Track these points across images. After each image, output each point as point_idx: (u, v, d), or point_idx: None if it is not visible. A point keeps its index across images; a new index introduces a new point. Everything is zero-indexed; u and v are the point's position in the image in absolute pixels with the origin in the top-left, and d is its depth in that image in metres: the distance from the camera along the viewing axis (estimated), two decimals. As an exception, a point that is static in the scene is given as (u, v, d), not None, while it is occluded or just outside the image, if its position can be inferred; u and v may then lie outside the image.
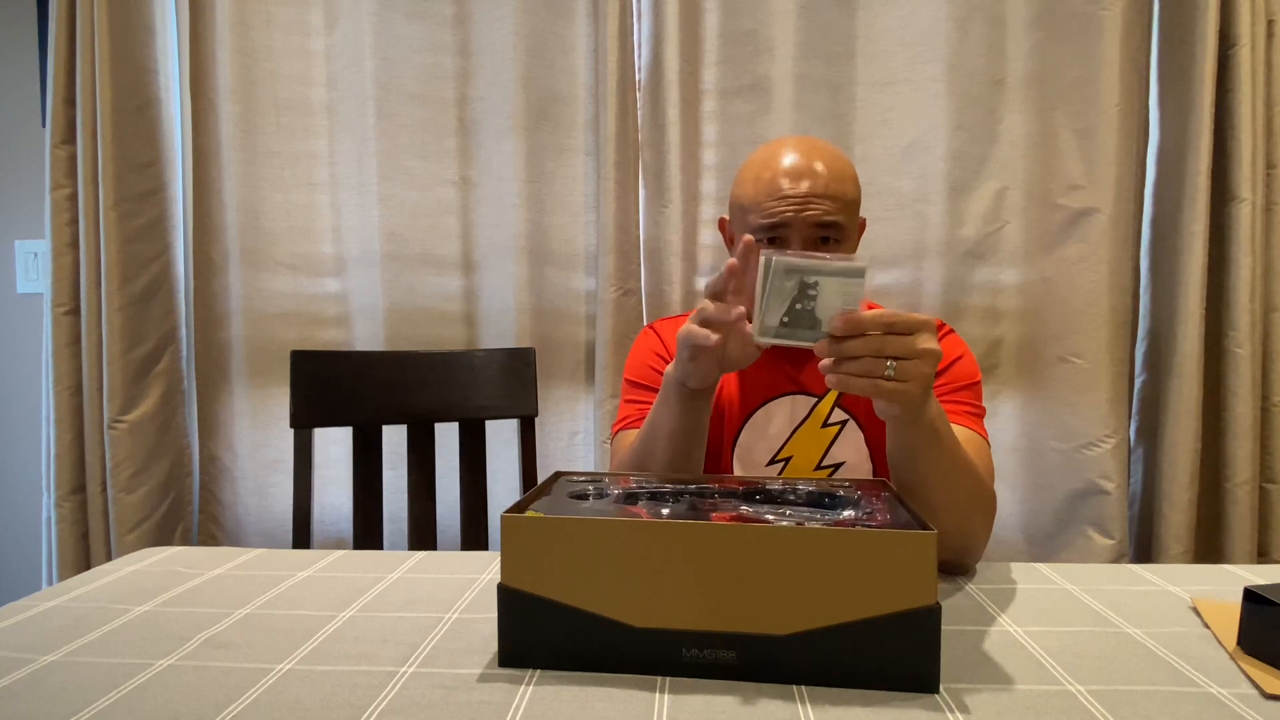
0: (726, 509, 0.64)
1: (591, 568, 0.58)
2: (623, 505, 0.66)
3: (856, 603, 0.55)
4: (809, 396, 1.03)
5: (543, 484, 0.72)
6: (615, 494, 0.69)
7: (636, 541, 0.57)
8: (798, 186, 0.90)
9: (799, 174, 0.91)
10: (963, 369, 1.00)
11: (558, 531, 0.58)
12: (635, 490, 0.70)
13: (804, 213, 0.90)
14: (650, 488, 0.71)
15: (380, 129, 1.51)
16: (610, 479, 0.75)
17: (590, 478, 0.76)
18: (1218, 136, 1.32)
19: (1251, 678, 0.56)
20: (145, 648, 0.63)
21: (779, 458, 1.03)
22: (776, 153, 0.94)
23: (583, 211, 1.55)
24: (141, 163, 1.46)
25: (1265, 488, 1.36)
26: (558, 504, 0.66)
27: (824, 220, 0.90)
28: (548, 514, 0.60)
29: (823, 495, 0.69)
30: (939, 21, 1.43)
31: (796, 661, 0.56)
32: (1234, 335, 1.33)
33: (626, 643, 0.57)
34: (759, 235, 0.92)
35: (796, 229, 0.91)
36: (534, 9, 1.49)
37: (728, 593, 0.56)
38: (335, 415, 1.25)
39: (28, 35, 1.69)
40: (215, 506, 1.57)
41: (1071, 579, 0.79)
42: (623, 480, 0.75)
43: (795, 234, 0.91)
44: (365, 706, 0.53)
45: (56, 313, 1.46)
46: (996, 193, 1.45)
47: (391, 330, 1.54)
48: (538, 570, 0.58)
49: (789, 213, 0.90)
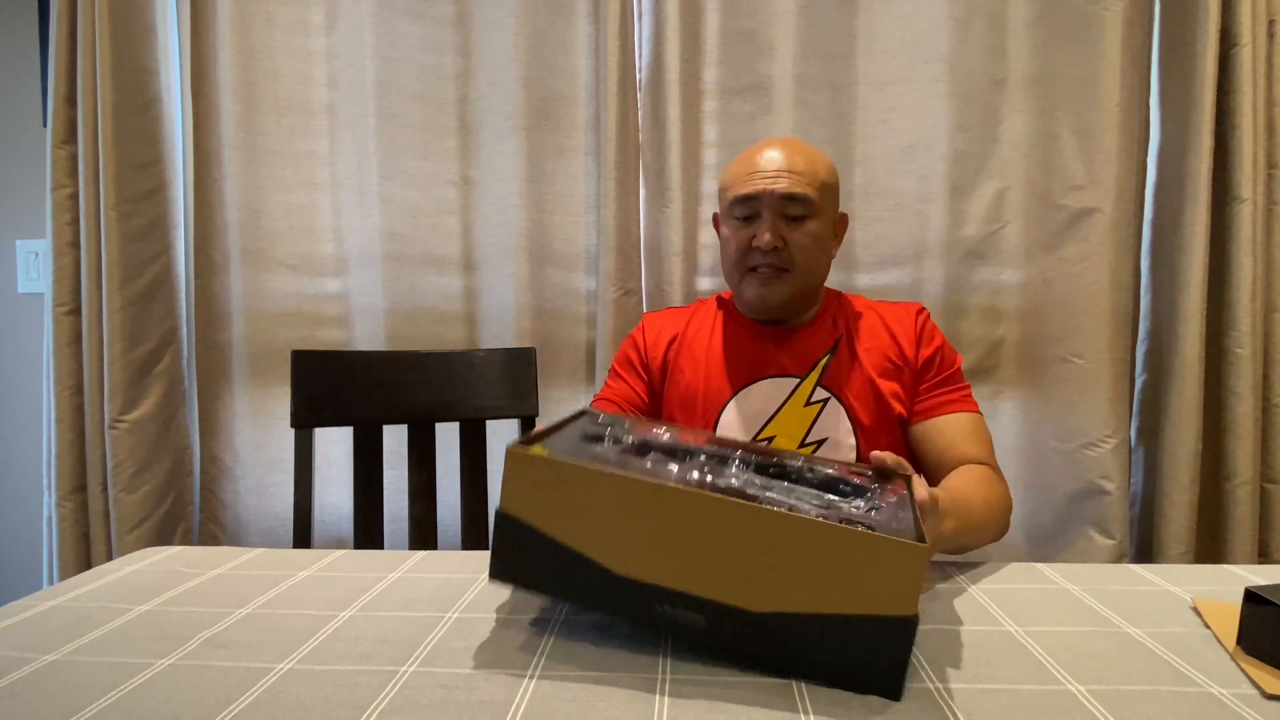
0: (732, 479, 0.64)
1: (580, 511, 0.59)
2: (630, 456, 0.66)
3: (834, 597, 0.55)
4: (790, 378, 1.05)
5: (568, 418, 0.72)
6: (629, 442, 0.69)
7: (624, 496, 0.58)
8: (769, 164, 1.00)
9: (772, 153, 1.01)
10: (947, 355, 1.07)
11: (553, 473, 0.60)
12: (651, 442, 0.70)
13: (774, 185, 0.99)
14: (667, 443, 0.71)
15: (381, 129, 1.51)
16: (632, 425, 0.75)
17: (612, 422, 0.75)
18: (1219, 137, 1.32)
19: (1252, 678, 0.56)
20: (146, 647, 0.63)
21: (762, 438, 1.05)
22: (759, 144, 1.05)
23: (583, 211, 1.55)
24: (142, 162, 1.46)
25: (1266, 488, 1.35)
26: (569, 443, 0.66)
27: (792, 193, 0.99)
28: (552, 452, 0.61)
29: (839, 481, 0.68)
30: (940, 21, 1.43)
31: (763, 641, 0.56)
32: (1235, 335, 1.33)
33: (604, 585, 0.59)
34: (735, 211, 1.02)
35: (767, 202, 0.99)
36: (535, 9, 1.49)
37: (707, 560, 0.57)
38: (336, 415, 1.25)
39: (28, 35, 1.69)
40: (216, 506, 1.57)
41: (1072, 579, 0.79)
42: (643, 429, 0.74)
43: (766, 207, 0.99)
44: (366, 706, 0.53)
45: (57, 312, 1.46)
46: (997, 193, 1.45)
47: (392, 330, 1.54)
48: (531, 503, 0.60)
49: (761, 184, 0.99)
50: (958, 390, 1.05)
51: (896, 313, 1.10)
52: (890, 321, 1.08)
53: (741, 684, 0.56)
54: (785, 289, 1.03)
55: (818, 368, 1.05)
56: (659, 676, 0.57)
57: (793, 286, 1.03)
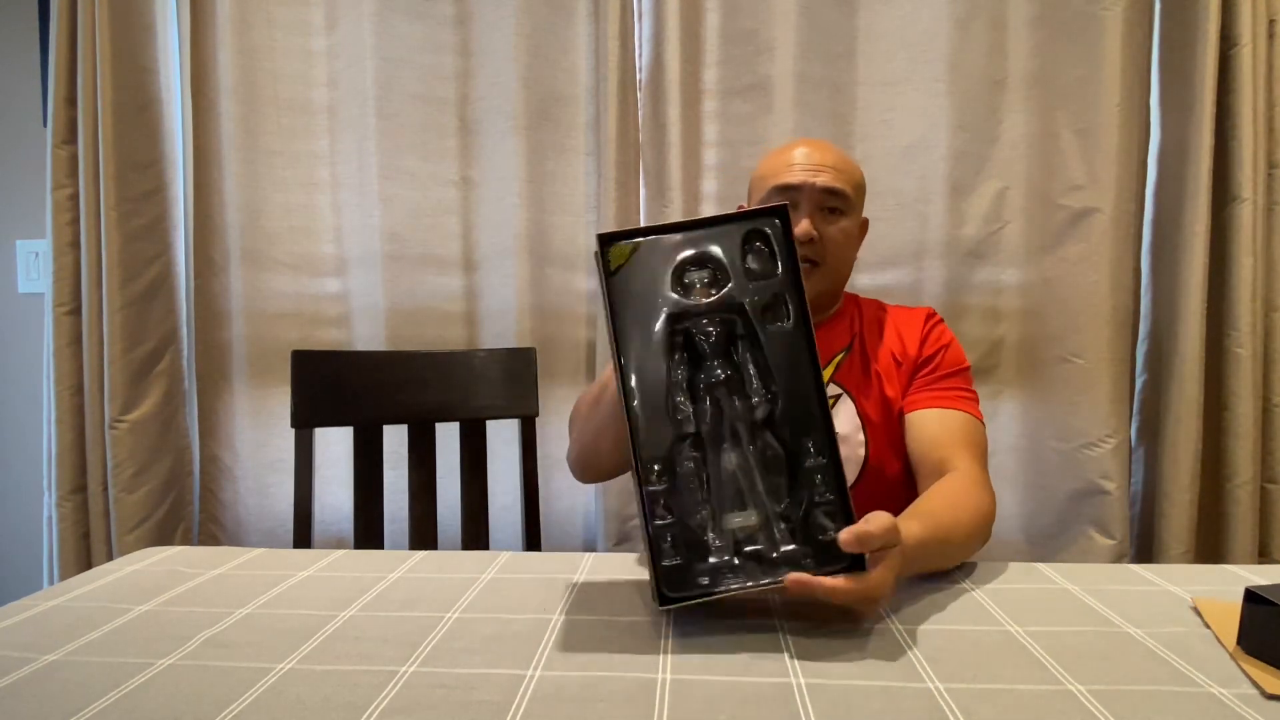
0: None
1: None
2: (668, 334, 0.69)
3: None
4: None
5: (652, 226, 0.71)
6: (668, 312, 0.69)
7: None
8: (811, 157, 1.01)
9: (814, 149, 1.03)
10: (951, 356, 1.05)
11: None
12: (688, 334, 0.69)
13: (816, 178, 1.00)
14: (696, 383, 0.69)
15: (381, 129, 1.51)
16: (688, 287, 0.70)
17: (687, 268, 0.71)
18: (1219, 136, 1.32)
19: (1252, 678, 0.56)
20: (146, 647, 0.63)
21: None
22: (797, 140, 1.07)
23: (584, 211, 1.55)
24: (142, 162, 1.46)
25: (1266, 488, 1.35)
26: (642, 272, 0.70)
27: (833, 187, 1.00)
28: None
29: (796, 557, 0.65)
30: (940, 21, 1.43)
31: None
32: (1235, 335, 1.33)
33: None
34: (775, 198, 1.01)
35: (807, 193, 1.00)
36: (535, 9, 1.49)
37: None
38: (336, 415, 1.25)
39: (29, 35, 1.69)
40: (216, 506, 1.57)
41: (1072, 579, 0.79)
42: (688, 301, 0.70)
43: (806, 198, 1.00)
44: (366, 706, 0.53)
45: (58, 312, 1.46)
46: (997, 193, 1.45)
47: (392, 330, 1.54)
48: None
49: (802, 175, 1.00)
50: (954, 389, 1.02)
51: (908, 316, 1.10)
52: (900, 324, 1.08)
53: (742, 684, 0.56)
54: (815, 284, 1.02)
55: (832, 364, 1.05)
56: (659, 676, 0.57)
57: (822, 283, 1.04)
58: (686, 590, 0.64)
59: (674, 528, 0.66)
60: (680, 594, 0.64)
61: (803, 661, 0.60)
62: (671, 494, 0.66)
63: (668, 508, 0.66)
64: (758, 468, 0.67)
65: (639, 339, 0.68)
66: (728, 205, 1.50)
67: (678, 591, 0.64)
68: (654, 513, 0.66)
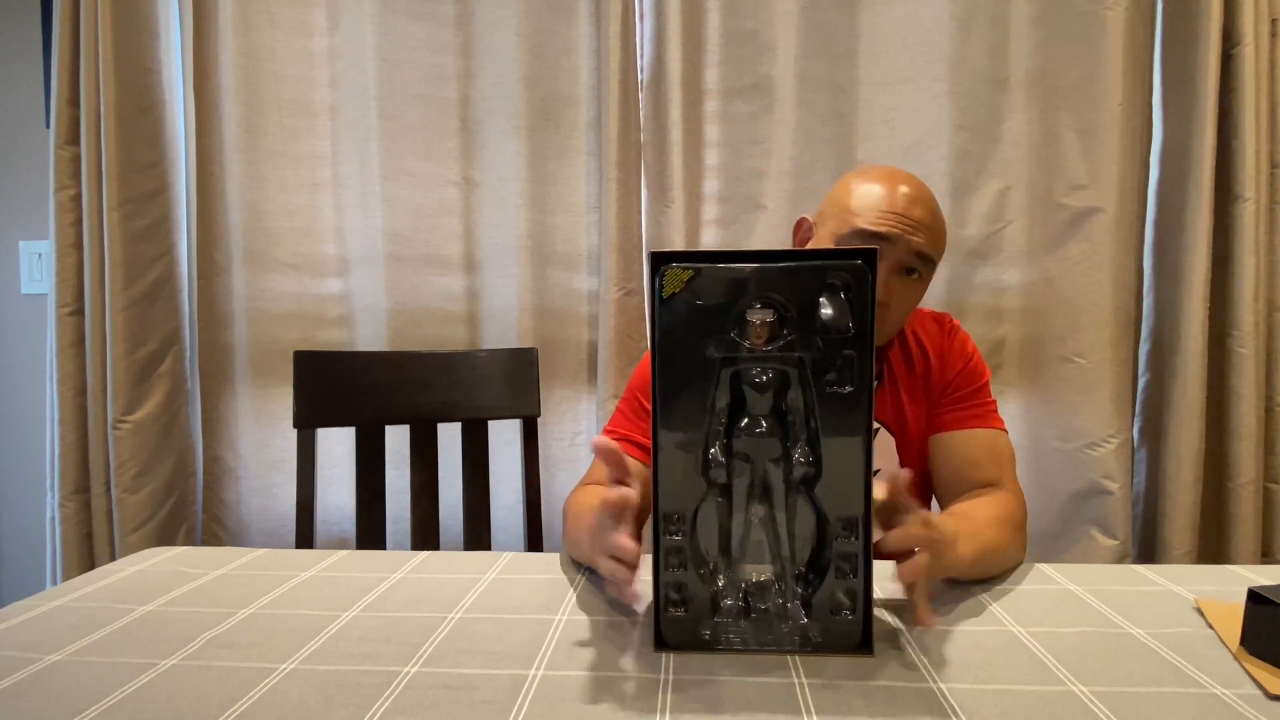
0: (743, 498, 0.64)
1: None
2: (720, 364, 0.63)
3: None
4: None
5: (714, 252, 0.67)
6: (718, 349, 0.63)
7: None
8: (912, 211, 0.90)
9: (915, 200, 0.91)
10: (973, 369, 1.02)
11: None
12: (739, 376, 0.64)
13: (911, 236, 0.89)
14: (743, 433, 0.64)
15: (383, 130, 1.51)
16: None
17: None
18: (1221, 136, 1.32)
19: (1255, 678, 0.56)
20: (149, 647, 0.63)
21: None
22: (894, 175, 0.93)
23: (585, 212, 1.55)
24: (145, 163, 1.46)
25: (1269, 488, 1.35)
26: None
27: (924, 252, 0.90)
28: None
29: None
30: (941, 21, 1.43)
31: None
32: (1237, 335, 1.33)
33: None
34: (855, 239, 0.90)
35: (898, 246, 0.89)
36: (536, 9, 1.49)
37: None
38: (338, 415, 1.25)
39: (31, 36, 1.69)
40: (218, 506, 1.58)
41: (1075, 579, 0.79)
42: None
43: (892, 250, 0.89)
44: (368, 706, 0.53)
45: (60, 313, 1.46)
46: (999, 192, 1.45)
47: (394, 331, 1.54)
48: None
49: (898, 229, 0.89)
50: (980, 405, 0.99)
51: (928, 327, 1.05)
52: (923, 337, 1.04)
53: (744, 684, 0.56)
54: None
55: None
56: (661, 677, 0.57)
57: (876, 341, 0.99)
58: (687, 640, 0.63)
59: (684, 578, 0.64)
60: (680, 643, 0.63)
61: (805, 661, 0.60)
62: (687, 545, 0.64)
63: (681, 563, 0.64)
64: (784, 526, 0.64)
65: (681, 378, 0.63)
66: (728, 205, 1.50)
67: (679, 639, 0.63)
68: (667, 563, 0.64)
